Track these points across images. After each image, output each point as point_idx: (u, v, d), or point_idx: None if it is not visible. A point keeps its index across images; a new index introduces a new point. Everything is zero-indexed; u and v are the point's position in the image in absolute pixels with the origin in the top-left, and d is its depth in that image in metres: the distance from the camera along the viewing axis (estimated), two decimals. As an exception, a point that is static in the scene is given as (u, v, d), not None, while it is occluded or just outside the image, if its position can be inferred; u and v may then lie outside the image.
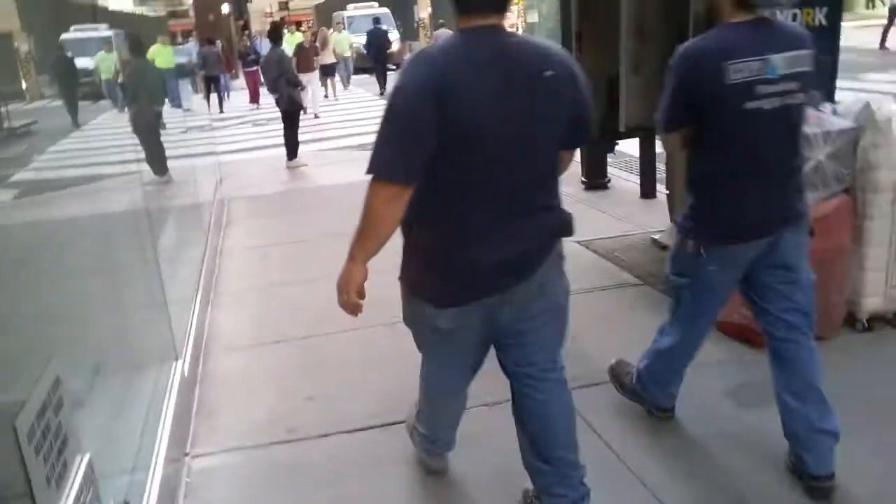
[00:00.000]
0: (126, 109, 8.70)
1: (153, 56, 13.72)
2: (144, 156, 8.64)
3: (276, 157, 10.20)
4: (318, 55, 16.58)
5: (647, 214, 6.13)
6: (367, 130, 3.97)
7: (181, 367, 3.70)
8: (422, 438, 3.01)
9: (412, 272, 2.44)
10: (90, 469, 1.96)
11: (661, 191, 6.39)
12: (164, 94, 10.12)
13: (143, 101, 8.93)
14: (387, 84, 18.63)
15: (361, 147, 10.30)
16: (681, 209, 3.85)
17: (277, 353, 4.33)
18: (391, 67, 19.10)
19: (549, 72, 2.23)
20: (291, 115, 9.79)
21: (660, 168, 6.70)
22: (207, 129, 11.83)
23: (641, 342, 3.91)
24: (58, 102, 4.92)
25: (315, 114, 14.56)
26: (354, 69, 21.43)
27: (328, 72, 18.01)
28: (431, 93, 2.12)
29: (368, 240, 2.26)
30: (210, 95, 16.95)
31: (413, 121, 2.15)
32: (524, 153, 2.26)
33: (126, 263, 3.71)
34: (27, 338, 2.25)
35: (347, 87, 20.50)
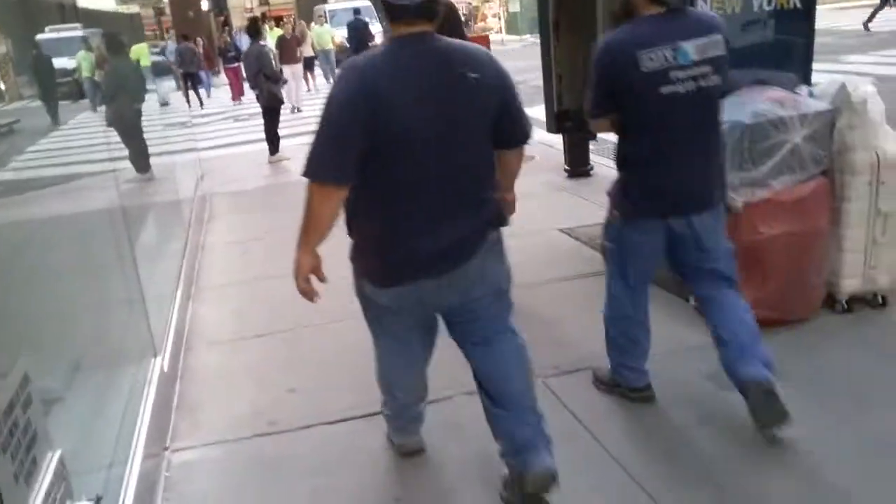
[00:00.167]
0: (106, 108, 8.63)
1: (137, 54, 13.65)
2: (128, 153, 8.60)
3: (258, 153, 10.15)
4: (301, 45, 16.48)
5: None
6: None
7: (160, 363, 3.67)
8: (388, 416, 3.09)
9: (356, 256, 2.62)
10: (61, 465, 1.94)
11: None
12: (145, 92, 10.05)
13: (124, 100, 8.87)
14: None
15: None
16: None
17: (259, 347, 4.31)
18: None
19: (474, 74, 2.37)
20: (272, 111, 9.74)
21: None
22: (188, 126, 11.75)
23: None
24: (37, 103, 4.87)
25: (297, 108, 14.46)
26: (338, 61, 21.31)
27: (308, 65, 17.94)
28: (359, 103, 2.29)
29: (310, 234, 2.45)
30: (189, 92, 16.84)
31: (343, 129, 2.33)
32: (452, 152, 2.40)
33: (101, 262, 3.67)
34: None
35: (330, 81, 20.40)
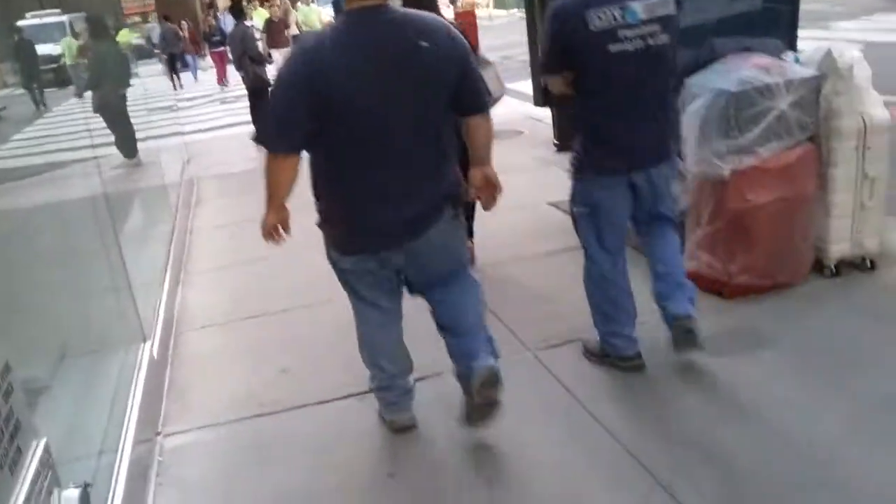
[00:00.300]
0: (91, 94, 8.54)
1: (123, 38, 13.52)
2: (114, 139, 8.52)
3: (245, 135, 10.07)
4: (289, 28, 16.31)
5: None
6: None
7: (150, 349, 3.66)
8: (378, 392, 3.10)
9: (322, 223, 2.76)
10: (47, 453, 1.93)
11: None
12: (129, 77, 9.95)
13: (110, 85, 8.76)
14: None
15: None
16: None
17: (249, 329, 4.29)
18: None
19: (425, 44, 2.42)
20: (257, 92, 9.63)
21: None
22: (173, 110, 11.65)
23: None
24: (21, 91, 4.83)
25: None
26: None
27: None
28: (303, 83, 2.41)
29: (272, 195, 2.65)
30: (174, 74, 16.67)
31: (288, 108, 2.46)
32: (408, 124, 2.49)
33: (84, 249, 3.65)
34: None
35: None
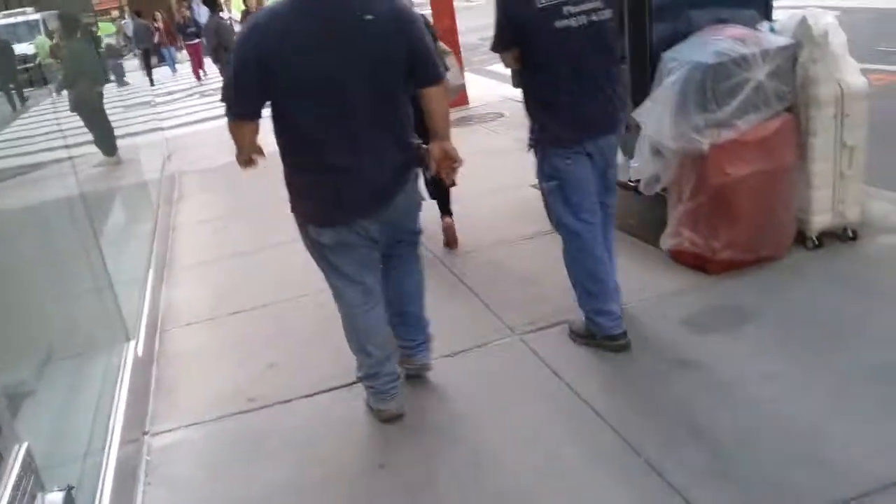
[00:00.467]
0: (67, 93, 8.43)
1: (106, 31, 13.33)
2: (93, 137, 8.43)
3: (224, 129, 9.97)
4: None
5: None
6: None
7: (134, 347, 3.63)
8: (366, 381, 3.10)
9: (295, 202, 2.85)
10: (29, 457, 1.90)
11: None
12: (105, 74, 9.83)
13: (85, 83, 8.65)
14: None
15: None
16: (631, 145, 3.91)
17: (235, 325, 4.26)
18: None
19: (369, 16, 2.52)
20: (236, 83, 9.55)
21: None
22: (151, 105, 11.54)
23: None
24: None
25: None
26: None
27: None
28: (253, 57, 2.54)
29: (239, 149, 2.81)
30: (148, 69, 16.51)
31: (241, 81, 2.59)
32: (357, 96, 2.58)
33: (63, 251, 3.60)
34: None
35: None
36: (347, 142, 2.63)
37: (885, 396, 2.72)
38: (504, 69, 6.39)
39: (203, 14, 14.43)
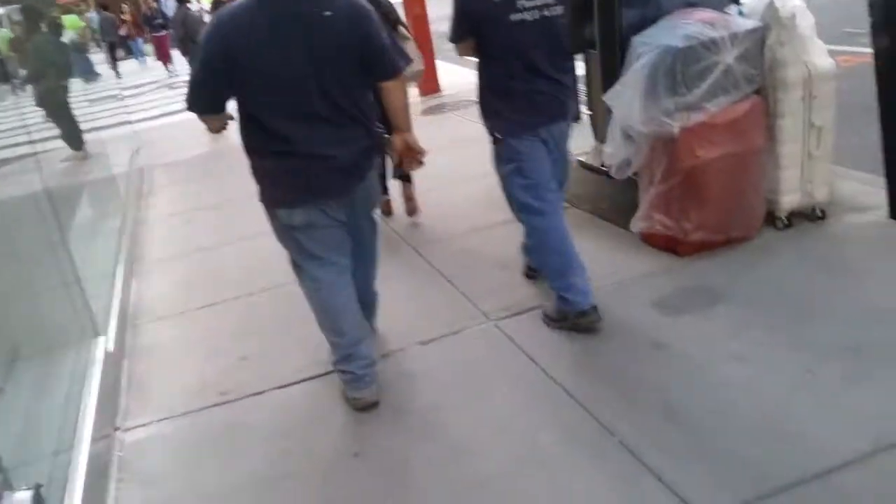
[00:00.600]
0: (32, 87, 8.27)
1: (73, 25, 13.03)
2: (60, 133, 8.28)
3: (194, 121, 9.85)
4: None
5: (573, 137, 6.07)
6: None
7: (104, 343, 3.58)
8: (340, 366, 3.08)
9: (263, 189, 2.89)
10: (-6, 457, 1.87)
11: (585, 112, 6.34)
12: (70, 68, 9.65)
13: (49, 77, 8.49)
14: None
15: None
16: (602, 130, 3.96)
17: (207, 318, 4.22)
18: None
19: (328, 12, 2.63)
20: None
21: (582, 90, 6.63)
22: (119, 99, 11.37)
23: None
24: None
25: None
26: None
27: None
28: (216, 53, 2.63)
29: (209, 129, 2.92)
30: (114, 62, 16.27)
31: (205, 76, 2.68)
32: (318, 88, 2.66)
33: (27, 249, 3.53)
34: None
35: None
36: (312, 132, 2.72)
37: (853, 373, 2.75)
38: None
39: (170, 5, 14.19)
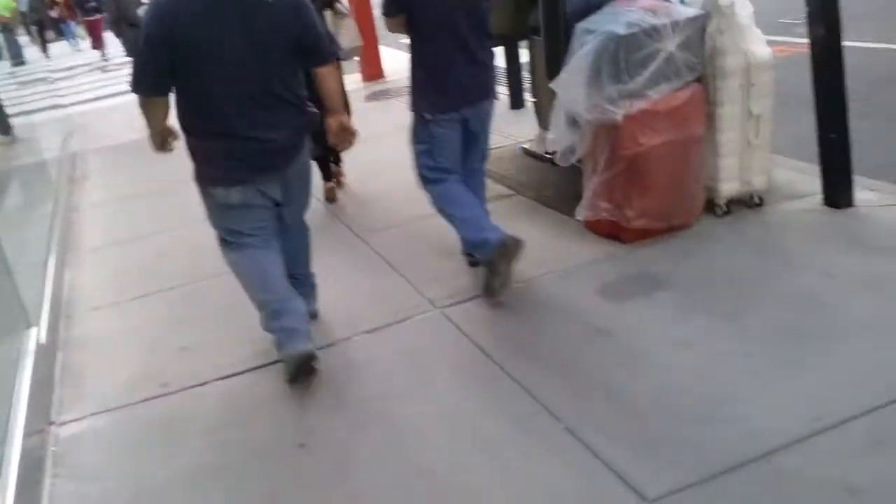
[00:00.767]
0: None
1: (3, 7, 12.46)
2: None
3: (130, 104, 9.57)
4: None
5: (516, 125, 6.11)
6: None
7: (36, 334, 3.45)
8: (273, 323, 3.11)
9: (199, 169, 3.01)
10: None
11: (529, 100, 6.37)
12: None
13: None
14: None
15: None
16: (546, 117, 4.02)
17: (145, 308, 4.11)
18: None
19: (270, 0, 2.80)
20: (139, 57, 9.15)
21: (525, 77, 6.65)
22: (49, 82, 10.98)
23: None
24: None
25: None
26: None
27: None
28: (158, 35, 2.74)
29: (150, 127, 3.03)
30: (43, 43, 15.68)
31: (148, 56, 2.81)
32: (257, 71, 2.83)
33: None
34: None
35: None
36: (250, 114, 2.86)
37: (790, 356, 2.82)
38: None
39: (103, -15, 13.70)
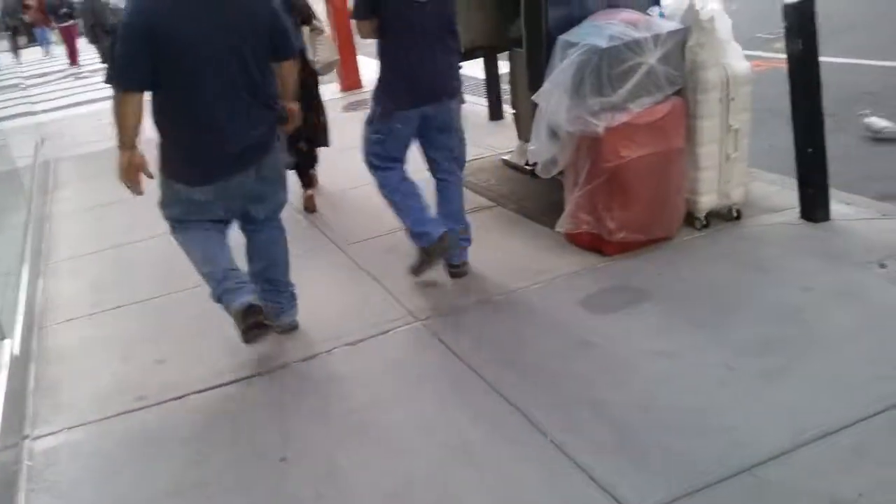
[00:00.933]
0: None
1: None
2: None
3: (104, 112, 9.47)
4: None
5: (496, 136, 6.13)
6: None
7: (9, 346, 3.38)
8: (221, 286, 3.19)
9: (168, 161, 3.09)
10: None
11: (508, 111, 6.39)
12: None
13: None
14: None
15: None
16: (526, 128, 4.04)
17: (121, 319, 4.04)
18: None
19: None
20: (114, 64, 9.06)
21: (505, 89, 6.67)
22: (21, 88, 10.82)
23: (498, 263, 3.94)
24: None
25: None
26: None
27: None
28: (138, 29, 2.84)
29: (122, 131, 2.97)
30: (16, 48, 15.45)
31: (129, 50, 2.86)
32: (231, 65, 2.95)
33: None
34: None
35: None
36: (221, 104, 2.97)
37: (770, 368, 2.83)
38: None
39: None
